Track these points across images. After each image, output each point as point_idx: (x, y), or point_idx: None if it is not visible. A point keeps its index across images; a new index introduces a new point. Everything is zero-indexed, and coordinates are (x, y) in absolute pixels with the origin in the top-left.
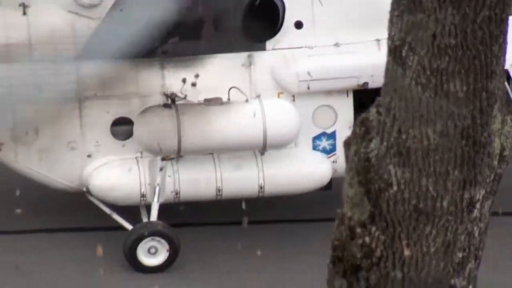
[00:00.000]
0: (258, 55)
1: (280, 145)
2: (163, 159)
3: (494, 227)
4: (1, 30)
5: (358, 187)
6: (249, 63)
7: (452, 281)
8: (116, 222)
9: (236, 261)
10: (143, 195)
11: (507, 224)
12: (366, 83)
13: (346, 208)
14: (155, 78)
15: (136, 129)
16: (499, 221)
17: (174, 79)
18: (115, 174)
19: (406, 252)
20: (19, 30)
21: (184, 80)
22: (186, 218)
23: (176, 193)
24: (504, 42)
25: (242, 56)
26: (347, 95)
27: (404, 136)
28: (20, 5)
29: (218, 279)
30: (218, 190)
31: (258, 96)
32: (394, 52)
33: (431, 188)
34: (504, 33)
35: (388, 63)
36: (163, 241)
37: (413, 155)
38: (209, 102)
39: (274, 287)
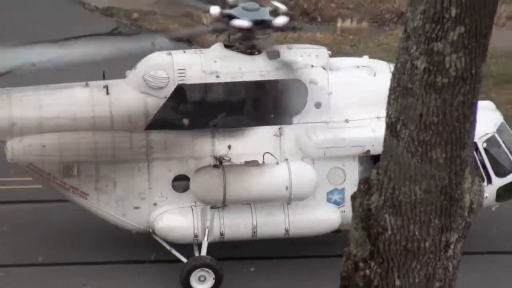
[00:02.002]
0: (287, 128)
1: (302, 198)
2: (212, 207)
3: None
4: (90, 106)
5: (361, 231)
6: (280, 134)
7: None
8: (175, 256)
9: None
10: (195, 236)
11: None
12: (368, 151)
13: (352, 247)
14: (207, 144)
15: (192, 184)
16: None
17: (222, 145)
18: (174, 219)
19: (397, 282)
20: (103, 106)
21: (229, 147)
22: (228, 253)
23: (221, 234)
24: (474, 120)
25: (274, 128)
26: (354, 160)
27: (397, 192)
28: (104, 86)
29: None
30: (254, 232)
31: (286, 160)
32: (391, 127)
33: (417, 233)
34: (474, 113)
35: (385, 135)
36: (210, 271)
37: (403, 207)
38: (248, 164)
39: None
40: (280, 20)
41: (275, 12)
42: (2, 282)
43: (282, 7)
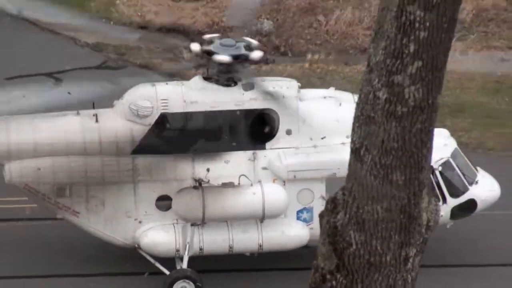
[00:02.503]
0: (260, 153)
1: (274, 216)
2: (192, 225)
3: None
4: (81, 132)
5: (328, 246)
6: (254, 158)
7: None
8: (158, 269)
9: None
10: (177, 250)
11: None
12: (335, 174)
13: (320, 260)
14: (188, 168)
15: (174, 203)
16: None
17: (201, 168)
18: (158, 235)
19: None
20: (93, 133)
21: (208, 170)
22: (207, 266)
23: (201, 249)
24: (431, 146)
25: (249, 153)
26: (322, 182)
27: (361, 211)
28: (93, 115)
29: None
30: (230, 247)
31: (259, 181)
32: (355, 152)
33: (379, 247)
34: (431, 139)
35: (350, 159)
36: (190, 282)
37: (367, 224)
38: (225, 185)
39: None
40: (256, 54)
41: (249, 47)
42: None
43: (255, 42)
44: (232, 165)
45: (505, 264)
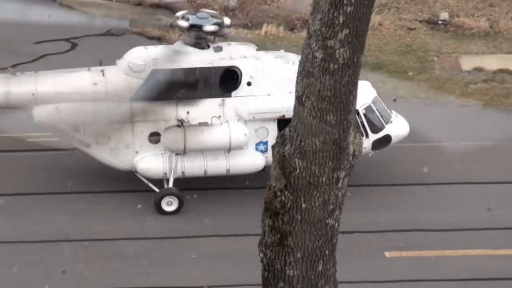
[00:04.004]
0: (228, 100)
1: (238, 148)
2: (176, 154)
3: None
4: (91, 84)
5: (279, 170)
6: (223, 104)
7: (328, 221)
8: (150, 187)
9: (217, 204)
10: (165, 173)
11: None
12: (284, 115)
13: (272, 181)
14: (172, 111)
15: (162, 138)
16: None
17: (183, 111)
18: (150, 162)
19: (303, 205)
20: (100, 84)
21: (188, 112)
22: (190, 185)
23: (183, 172)
24: (356, 94)
25: (219, 100)
26: (274, 121)
27: (303, 143)
28: (101, 71)
29: (209, 218)
30: (205, 171)
31: (227, 121)
32: (298, 98)
33: (316, 171)
34: (356, 89)
35: (295, 104)
36: (175, 198)
37: (307, 153)
38: (201, 124)
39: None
40: (227, 23)
41: (219, 19)
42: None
43: (226, 20)
44: (206, 109)
45: (413, 184)
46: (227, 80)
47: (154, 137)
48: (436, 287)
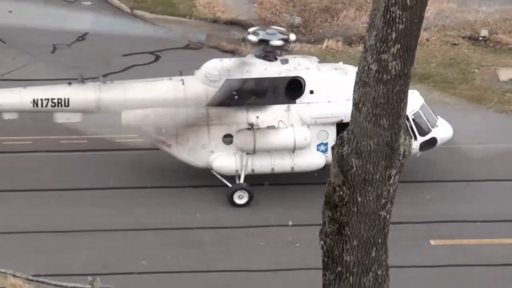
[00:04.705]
0: (292, 106)
1: (302, 148)
2: (247, 154)
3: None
4: (172, 91)
5: (337, 168)
6: (288, 109)
7: (380, 213)
8: (224, 183)
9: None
10: (236, 170)
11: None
12: (342, 120)
13: (332, 178)
14: (243, 115)
15: (234, 139)
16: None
17: (253, 116)
18: (224, 160)
19: (359, 199)
20: (181, 92)
21: (257, 117)
22: (259, 181)
23: (252, 170)
24: (406, 101)
25: (285, 106)
26: (333, 125)
27: (359, 145)
28: (181, 80)
29: (275, 211)
30: (272, 169)
31: (292, 125)
32: (355, 105)
33: (371, 169)
34: (406, 97)
35: (352, 110)
36: (246, 192)
37: (363, 153)
38: (269, 127)
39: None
40: (292, 39)
41: (286, 35)
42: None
43: (292, 35)
44: (273, 114)
45: (455, 180)
46: (292, 89)
47: (228, 139)
48: (474, 271)
